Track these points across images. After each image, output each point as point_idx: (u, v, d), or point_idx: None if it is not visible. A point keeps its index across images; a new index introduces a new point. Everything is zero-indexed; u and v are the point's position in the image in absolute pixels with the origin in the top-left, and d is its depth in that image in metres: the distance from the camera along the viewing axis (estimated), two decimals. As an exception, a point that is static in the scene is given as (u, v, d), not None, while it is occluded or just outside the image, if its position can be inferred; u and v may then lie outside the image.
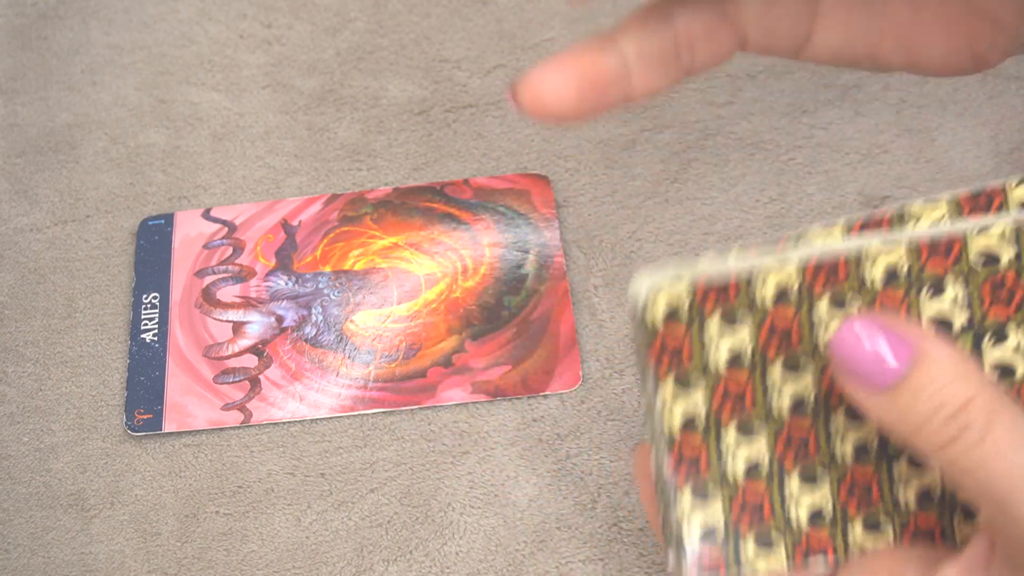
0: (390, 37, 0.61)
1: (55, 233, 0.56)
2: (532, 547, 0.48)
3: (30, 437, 0.51)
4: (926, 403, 0.34)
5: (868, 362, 0.35)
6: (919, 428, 0.35)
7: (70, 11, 0.63)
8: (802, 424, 0.38)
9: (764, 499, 0.38)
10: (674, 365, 0.38)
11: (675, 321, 0.37)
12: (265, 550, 0.48)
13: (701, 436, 0.38)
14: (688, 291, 0.37)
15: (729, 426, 0.38)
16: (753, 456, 0.38)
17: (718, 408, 0.38)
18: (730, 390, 0.38)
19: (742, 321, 0.37)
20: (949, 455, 0.34)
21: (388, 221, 0.55)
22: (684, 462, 0.38)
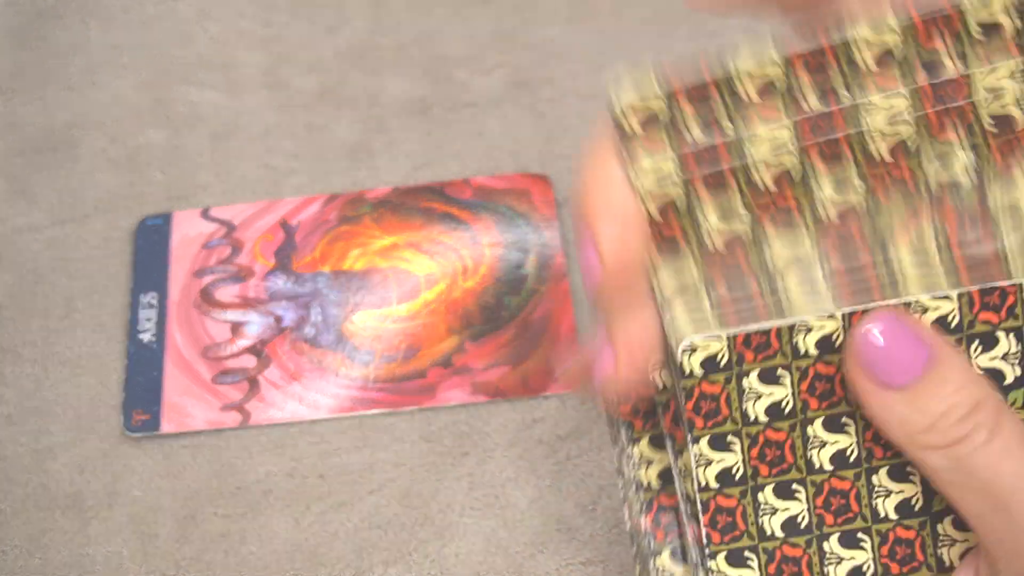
0: (390, 36, 0.61)
1: (54, 233, 0.56)
2: (532, 549, 0.47)
3: (28, 438, 0.51)
4: (941, 402, 0.35)
5: (888, 358, 0.35)
6: (930, 426, 0.35)
7: (69, 10, 0.63)
8: (843, 480, 0.38)
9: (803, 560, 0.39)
10: (711, 421, 0.38)
11: (713, 375, 0.37)
12: (264, 552, 0.48)
13: (739, 493, 0.38)
14: (727, 345, 0.37)
15: (768, 486, 0.38)
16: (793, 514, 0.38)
17: (755, 462, 0.38)
18: (770, 442, 0.38)
19: (783, 376, 0.37)
20: (955, 454, 0.35)
21: (388, 221, 0.55)
22: (720, 515, 0.38)
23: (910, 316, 0.36)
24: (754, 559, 0.38)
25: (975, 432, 0.35)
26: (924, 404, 0.35)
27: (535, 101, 0.58)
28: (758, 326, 0.36)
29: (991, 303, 0.37)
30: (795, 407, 0.37)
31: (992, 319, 0.37)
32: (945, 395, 0.35)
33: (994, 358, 0.37)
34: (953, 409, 0.35)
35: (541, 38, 0.60)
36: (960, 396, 0.35)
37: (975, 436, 0.35)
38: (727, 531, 0.38)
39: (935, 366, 0.35)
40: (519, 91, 0.58)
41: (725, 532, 0.38)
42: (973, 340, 0.37)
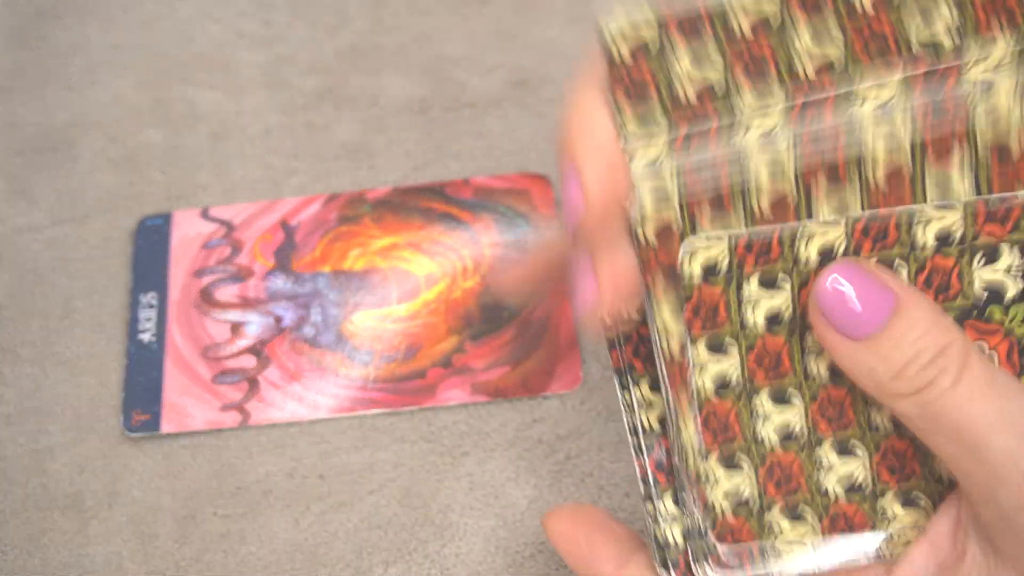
0: (390, 36, 0.61)
1: (53, 233, 0.56)
2: (532, 549, 0.47)
3: (27, 438, 0.51)
4: (905, 350, 0.35)
5: (850, 310, 0.36)
6: (896, 374, 0.35)
7: (68, 10, 0.62)
8: (839, 388, 0.38)
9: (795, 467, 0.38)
10: (708, 327, 0.37)
11: (711, 282, 0.37)
12: (264, 552, 0.48)
13: (732, 400, 0.38)
14: (727, 250, 0.37)
15: (763, 392, 0.38)
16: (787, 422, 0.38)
17: (751, 370, 0.38)
18: (767, 350, 0.38)
19: (782, 284, 0.37)
20: (923, 399, 0.35)
21: (387, 221, 0.55)
22: (713, 421, 0.38)
23: (872, 264, 0.36)
24: (746, 461, 0.39)
25: (941, 376, 0.35)
26: (888, 353, 0.35)
27: (535, 101, 0.58)
28: (760, 231, 0.36)
29: (998, 215, 0.37)
30: (794, 314, 0.37)
31: (996, 232, 0.37)
32: (909, 342, 0.35)
33: (996, 271, 0.37)
34: (918, 355, 0.35)
35: (541, 38, 0.60)
36: (925, 342, 0.35)
37: (941, 380, 0.35)
38: (720, 433, 0.38)
39: (898, 314, 0.35)
40: (519, 91, 0.58)
41: (718, 434, 0.38)
42: (976, 252, 0.37)
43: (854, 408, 0.38)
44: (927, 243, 0.37)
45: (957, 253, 0.37)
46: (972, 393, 0.35)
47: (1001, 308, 0.37)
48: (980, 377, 0.35)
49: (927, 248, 0.37)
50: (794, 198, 0.37)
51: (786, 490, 0.39)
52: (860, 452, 0.39)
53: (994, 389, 0.35)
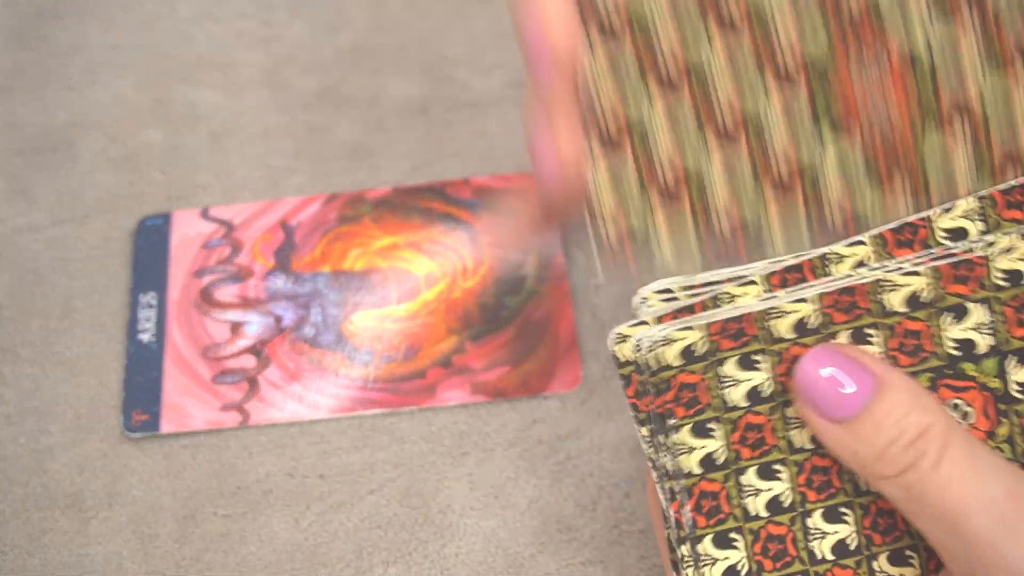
0: (390, 36, 0.61)
1: (53, 233, 0.56)
2: (532, 549, 0.47)
3: (27, 438, 0.51)
4: (886, 432, 0.36)
5: (831, 393, 0.36)
6: (878, 457, 0.36)
7: (68, 10, 0.62)
8: (824, 458, 0.39)
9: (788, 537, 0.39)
10: (693, 409, 0.38)
11: (691, 364, 0.37)
12: (264, 552, 0.48)
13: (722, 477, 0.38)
14: (703, 333, 0.37)
15: (750, 469, 0.38)
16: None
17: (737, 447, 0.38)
18: (751, 424, 0.38)
19: (761, 361, 0.38)
20: (905, 482, 0.36)
21: (387, 221, 0.55)
22: (706, 500, 0.38)
23: (851, 347, 0.36)
24: (740, 539, 0.39)
25: (921, 459, 0.35)
26: (870, 436, 0.36)
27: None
28: (731, 313, 0.37)
29: (959, 272, 0.37)
30: (774, 391, 0.38)
31: (962, 291, 0.37)
32: (890, 424, 0.35)
33: (965, 329, 0.38)
34: (899, 437, 0.35)
35: (541, 38, 0.60)
36: (905, 423, 0.35)
37: (922, 463, 0.35)
38: (712, 515, 0.38)
39: (879, 396, 0.35)
40: (519, 91, 0.58)
41: (711, 516, 0.38)
42: (943, 313, 0.37)
43: (839, 475, 0.39)
44: (896, 307, 0.37)
45: (927, 314, 0.37)
46: (952, 475, 0.35)
47: (973, 363, 0.38)
48: (961, 458, 0.35)
49: (897, 312, 0.37)
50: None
51: (781, 563, 0.39)
52: (849, 518, 0.39)
53: (975, 470, 0.35)
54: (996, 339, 0.37)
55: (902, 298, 0.37)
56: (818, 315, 0.37)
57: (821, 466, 0.38)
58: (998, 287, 0.37)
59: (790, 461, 0.38)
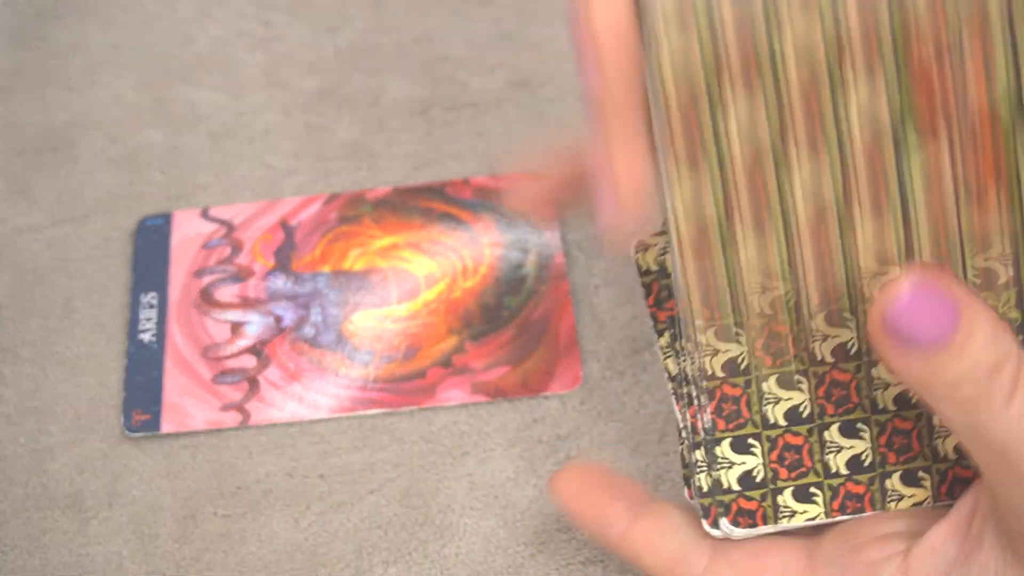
0: (390, 36, 0.61)
1: (53, 233, 0.56)
2: (532, 549, 0.47)
3: (27, 438, 0.51)
4: (964, 362, 0.35)
5: (918, 321, 0.35)
6: (952, 386, 0.35)
7: (68, 10, 0.62)
8: (844, 373, 0.39)
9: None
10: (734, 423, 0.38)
11: (734, 378, 0.38)
12: (264, 552, 0.48)
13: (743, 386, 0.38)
14: (748, 351, 0.37)
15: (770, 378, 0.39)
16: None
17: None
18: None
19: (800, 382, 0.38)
20: (974, 413, 0.35)
21: (388, 221, 0.55)
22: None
23: (939, 273, 0.35)
24: (757, 446, 0.39)
25: (994, 393, 0.35)
26: (947, 365, 0.35)
27: (535, 101, 0.58)
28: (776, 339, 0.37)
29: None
30: (798, 301, 0.38)
31: None
32: (968, 356, 0.35)
33: None
34: (975, 369, 0.35)
35: (541, 38, 0.60)
36: (983, 356, 0.35)
37: (994, 397, 0.35)
38: (732, 419, 0.39)
39: (961, 326, 0.35)
40: (519, 91, 0.58)
41: (730, 420, 0.39)
42: None
43: (858, 391, 0.39)
44: None
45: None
46: (1021, 413, 0.35)
47: (994, 292, 0.38)
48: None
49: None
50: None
51: (796, 473, 0.39)
52: (865, 434, 0.39)
53: None
54: (1017, 272, 0.38)
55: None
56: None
57: (840, 380, 0.39)
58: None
59: (811, 373, 0.39)
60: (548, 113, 0.58)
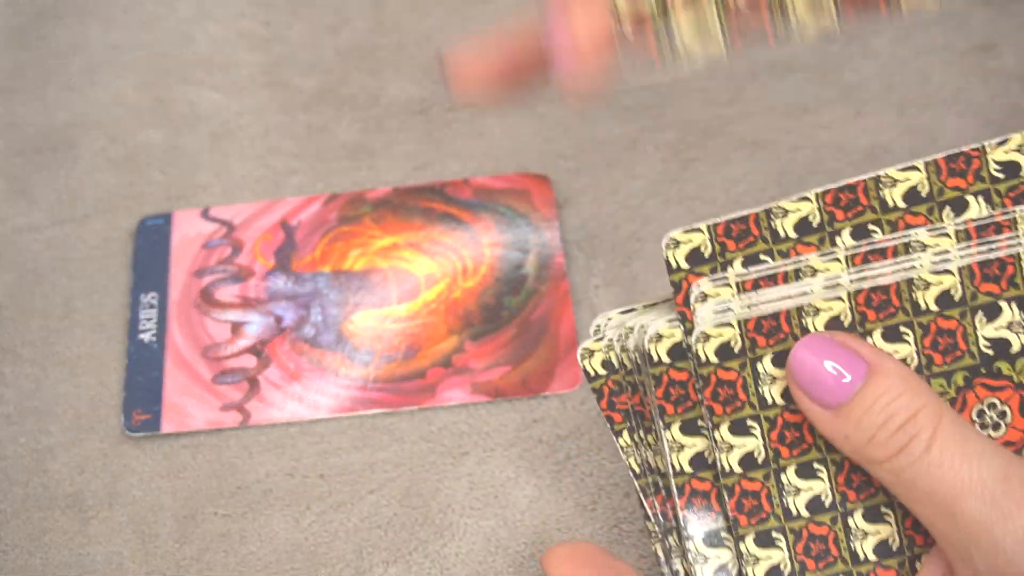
0: (390, 37, 0.61)
1: (53, 233, 0.56)
2: (532, 549, 0.47)
3: (27, 438, 0.51)
4: (877, 415, 0.36)
5: (822, 379, 0.36)
6: (869, 440, 0.36)
7: (68, 10, 0.62)
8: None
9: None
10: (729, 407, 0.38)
11: (728, 361, 0.38)
12: (264, 551, 0.48)
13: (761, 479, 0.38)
14: (739, 330, 0.37)
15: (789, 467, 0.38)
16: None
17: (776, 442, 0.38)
18: (788, 422, 0.38)
19: None
20: (897, 466, 0.36)
21: (388, 221, 0.55)
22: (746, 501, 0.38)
23: (843, 334, 0.37)
24: (782, 539, 0.39)
25: (912, 443, 0.35)
26: (860, 420, 0.36)
27: (535, 101, 0.58)
28: (770, 309, 0.37)
29: (991, 272, 0.37)
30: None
31: (994, 290, 0.37)
32: (879, 409, 0.36)
33: (999, 328, 0.38)
34: (889, 421, 0.35)
35: (541, 38, 0.60)
36: (895, 407, 0.35)
37: (913, 447, 0.35)
38: (753, 514, 0.39)
39: (869, 381, 0.36)
40: (519, 91, 0.58)
41: (752, 515, 0.39)
42: (976, 311, 0.38)
43: (811, 431, 0.39)
44: (928, 307, 0.37)
45: (959, 314, 0.37)
46: (943, 458, 0.35)
47: (1008, 362, 0.38)
48: (952, 442, 0.35)
49: (930, 312, 0.37)
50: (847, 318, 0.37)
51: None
52: (889, 518, 0.39)
53: (966, 454, 0.35)
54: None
55: (934, 296, 0.37)
56: (851, 313, 0.37)
57: (793, 422, 0.38)
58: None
59: (762, 418, 0.38)
60: (548, 113, 0.58)
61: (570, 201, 0.55)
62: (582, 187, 0.55)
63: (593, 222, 0.54)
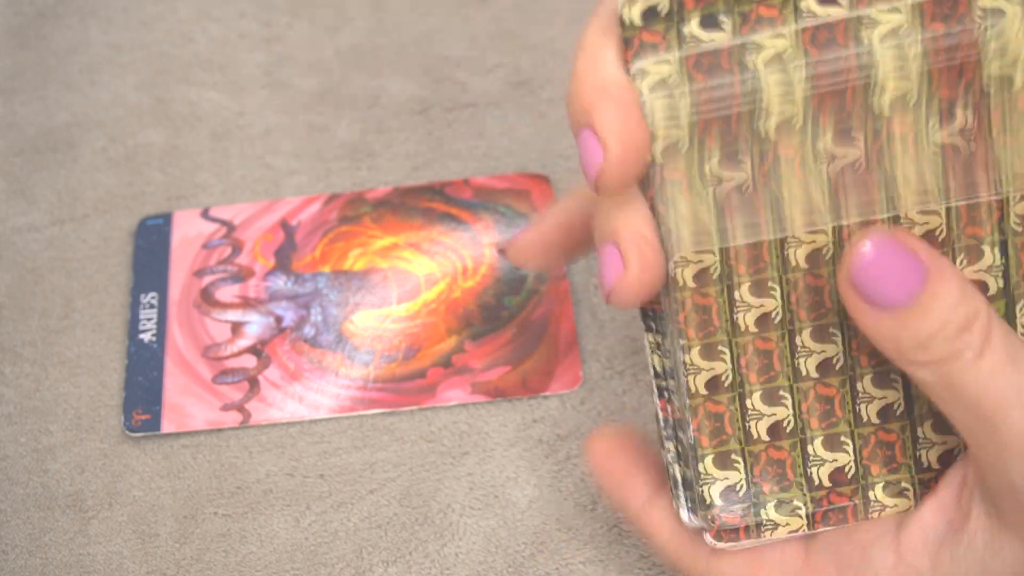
0: (390, 37, 0.61)
1: (53, 233, 0.56)
2: (532, 548, 0.47)
3: (27, 438, 0.51)
4: (933, 321, 0.35)
5: (880, 281, 0.35)
6: (921, 345, 0.35)
7: (68, 10, 0.63)
8: (828, 387, 0.39)
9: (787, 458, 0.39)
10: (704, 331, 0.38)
11: (707, 285, 0.38)
12: (264, 551, 0.48)
13: (726, 400, 0.38)
14: (720, 256, 0.37)
15: (755, 389, 0.38)
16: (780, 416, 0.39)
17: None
18: (759, 349, 0.38)
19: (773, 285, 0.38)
20: (946, 370, 0.36)
21: (388, 221, 0.55)
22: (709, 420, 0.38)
23: (904, 233, 0.36)
24: (740, 459, 0.39)
25: (965, 350, 0.35)
26: (916, 323, 0.35)
27: (535, 101, 0.58)
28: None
29: (977, 217, 0.37)
30: (784, 318, 0.38)
31: (978, 233, 0.37)
32: (937, 314, 0.35)
33: (978, 271, 0.38)
34: (944, 328, 0.35)
35: (541, 38, 0.60)
36: (952, 314, 0.35)
37: (964, 354, 0.35)
38: (715, 435, 0.39)
39: (927, 287, 0.35)
40: (519, 91, 0.58)
41: (713, 436, 0.39)
42: (959, 253, 0.38)
43: (842, 405, 0.39)
44: (883, 111, 0.37)
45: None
46: (993, 368, 0.35)
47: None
48: (1002, 352, 0.35)
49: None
50: (799, 121, 0.37)
51: (780, 486, 0.39)
52: (848, 447, 0.39)
53: (1015, 365, 0.35)
54: (1007, 283, 0.38)
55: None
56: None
57: (825, 395, 0.39)
58: (1014, 232, 0.37)
59: (794, 388, 0.39)
60: (548, 113, 0.58)
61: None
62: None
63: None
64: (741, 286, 0.38)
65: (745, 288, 0.38)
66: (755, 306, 0.38)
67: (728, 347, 0.38)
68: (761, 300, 0.38)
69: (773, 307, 0.38)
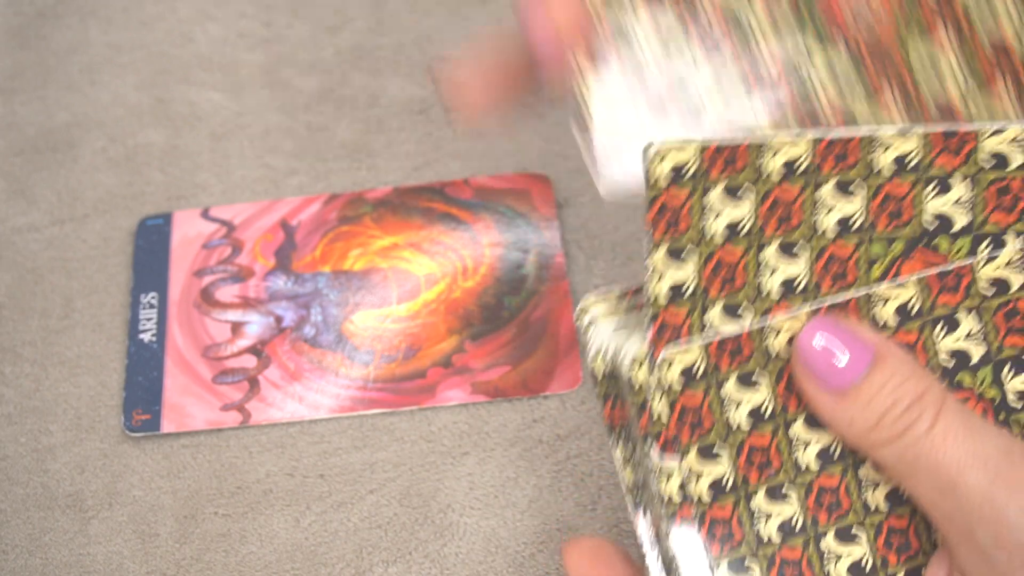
0: (390, 36, 0.61)
1: (53, 233, 0.56)
2: (532, 548, 0.47)
3: (28, 438, 0.51)
4: (883, 401, 0.36)
5: (830, 365, 0.36)
6: (874, 425, 0.36)
7: (68, 10, 0.63)
8: (831, 477, 0.39)
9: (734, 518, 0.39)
10: (671, 232, 0.38)
11: (678, 184, 0.37)
12: (264, 551, 0.48)
13: (687, 309, 0.38)
14: (696, 154, 0.37)
15: (717, 304, 0.38)
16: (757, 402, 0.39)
17: (708, 279, 0.38)
18: (724, 261, 0.38)
19: (745, 194, 0.37)
20: (901, 446, 0.36)
21: (388, 221, 0.55)
22: (666, 331, 0.38)
23: (850, 319, 0.37)
24: (755, 564, 0.39)
25: (918, 421, 0.36)
26: (867, 404, 0.36)
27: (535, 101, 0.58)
28: (729, 141, 0.37)
29: (951, 146, 0.37)
30: (753, 227, 0.38)
31: (949, 163, 0.38)
32: (887, 393, 0.36)
33: (946, 203, 0.38)
34: (895, 404, 0.36)
35: (541, 38, 0.60)
36: (902, 390, 0.36)
37: (918, 425, 0.36)
38: (725, 541, 0.38)
39: (876, 367, 0.36)
40: (519, 91, 0.58)
41: (723, 542, 0.38)
42: (930, 182, 0.38)
43: (849, 495, 0.39)
44: (884, 167, 0.37)
45: (912, 180, 0.37)
46: (947, 435, 0.36)
47: (969, 372, 0.38)
48: (955, 420, 0.36)
49: (883, 173, 0.37)
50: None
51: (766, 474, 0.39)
52: (862, 538, 0.39)
53: (969, 431, 0.36)
54: (988, 348, 0.38)
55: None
56: (808, 159, 0.37)
57: (829, 486, 0.38)
58: (984, 296, 0.37)
59: (799, 481, 0.38)
60: (548, 113, 0.58)
61: (570, 201, 0.55)
62: (582, 187, 0.55)
63: (593, 222, 0.54)
64: (713, 188, 0.38)
65: (720, 188, 0.38)
66: (725, 212, 0.38)
67: (696, 257, 0.38)
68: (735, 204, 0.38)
69: (743, 215, 0.38)
